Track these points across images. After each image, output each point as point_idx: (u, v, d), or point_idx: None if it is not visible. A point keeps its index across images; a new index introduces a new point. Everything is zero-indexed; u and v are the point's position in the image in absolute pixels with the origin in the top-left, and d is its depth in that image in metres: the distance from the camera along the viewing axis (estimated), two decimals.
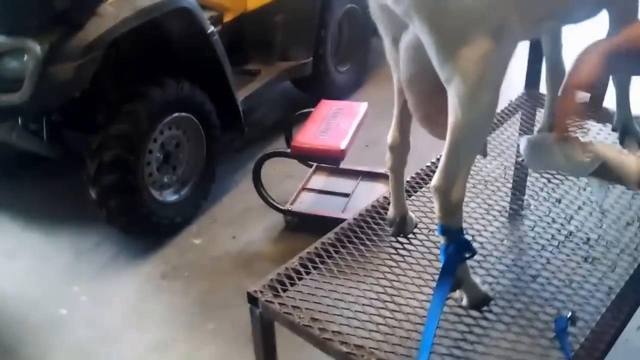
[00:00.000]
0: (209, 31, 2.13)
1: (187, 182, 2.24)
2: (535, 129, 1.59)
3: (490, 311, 1.08)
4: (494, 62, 0.88)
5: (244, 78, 2.54)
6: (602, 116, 1.41)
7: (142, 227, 2.10)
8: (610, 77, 1.13)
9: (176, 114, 2.10)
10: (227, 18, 2.52)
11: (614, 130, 1.35)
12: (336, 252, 1.24)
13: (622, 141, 1.31)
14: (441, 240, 1.04)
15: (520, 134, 1.60)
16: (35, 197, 2.46)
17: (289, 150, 2.13)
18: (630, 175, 0.95)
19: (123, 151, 1.92)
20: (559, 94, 0.96)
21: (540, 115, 1.55)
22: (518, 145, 1.39)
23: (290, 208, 2.18)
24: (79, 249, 2.17)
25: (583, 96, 0.90)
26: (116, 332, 1.81)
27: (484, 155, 1.27)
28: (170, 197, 2.18)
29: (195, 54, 2.20)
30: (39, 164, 2.45)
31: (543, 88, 1.55)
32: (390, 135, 1.16)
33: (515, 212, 1.42)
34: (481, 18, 0.85)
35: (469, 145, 0.96)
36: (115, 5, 1.85)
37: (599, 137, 1.48)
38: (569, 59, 1.15)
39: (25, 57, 1.76)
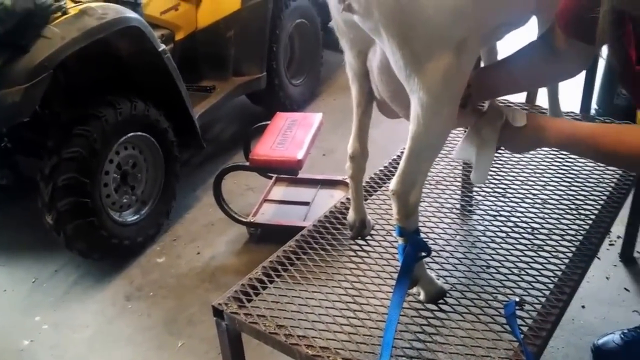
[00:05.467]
0: (160, 49, 2.13)
1: (147, 201, 2.21)
2: None
3: (445, 303, 1.13)
4: (455, 76, 0.92)
5: (199, 95, 2.55)
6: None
7: (102, 250, 2.05)
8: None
9: (131, 134, 2.08)
10: (179, 36, 2.53)
11: None
12: (298, 259, 1.27)
13: None
14: (398, 240, 1.09)
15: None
16: None
17: (247, 163, 2.15)
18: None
19: (77, 174, 1.88)
20: None
21: None
22: None
23: (252, 220, 2.20)
24: (38, 277, 2.10)
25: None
26: (81, 358, 1.76)
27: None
28: (130, 217, 2.15)
29: (147, 72, 2.19)
30: None
31: None
32: (350, 145, 1.19)
33: (464, 208, 1.49)
34: (445, 34, 0.89)
35: (428, 152, 1.00)
36: (61, 27, 1.81)
37: None
38: None
39: None
